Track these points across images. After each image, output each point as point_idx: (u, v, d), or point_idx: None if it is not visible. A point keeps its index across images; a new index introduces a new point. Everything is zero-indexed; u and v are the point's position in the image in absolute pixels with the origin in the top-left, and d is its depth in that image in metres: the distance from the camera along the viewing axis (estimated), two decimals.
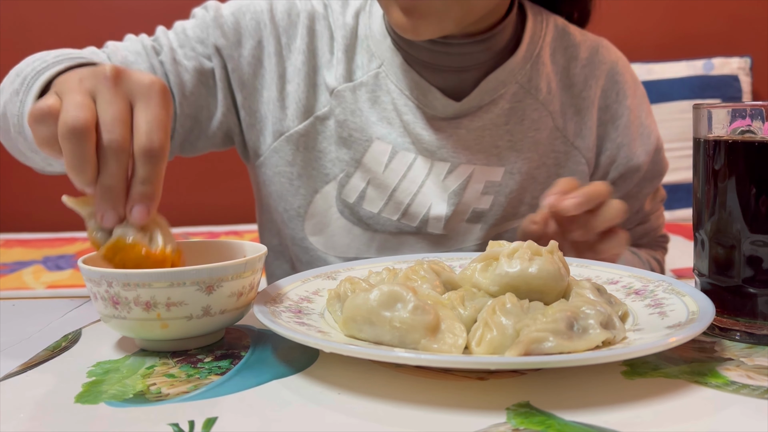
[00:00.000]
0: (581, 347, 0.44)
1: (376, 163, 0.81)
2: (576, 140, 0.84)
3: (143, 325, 0.49)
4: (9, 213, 2.57)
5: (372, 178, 0.81)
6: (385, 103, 0.81)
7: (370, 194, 0.82)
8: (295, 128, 0.82)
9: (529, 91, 0.82)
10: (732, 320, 0.52)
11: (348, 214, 0.83)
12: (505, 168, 0.82)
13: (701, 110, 0.54)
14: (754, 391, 0.42)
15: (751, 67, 2.20)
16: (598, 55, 0.85)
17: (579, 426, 0.38)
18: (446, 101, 0.79)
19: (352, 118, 0.81)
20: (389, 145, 0.81)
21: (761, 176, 0.50)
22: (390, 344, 0.47)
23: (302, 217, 0.84)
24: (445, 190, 0.81)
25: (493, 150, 0.81)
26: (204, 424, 0.39)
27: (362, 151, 0.81)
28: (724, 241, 0.52)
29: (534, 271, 0.50)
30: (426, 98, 0.80)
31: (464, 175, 0.81)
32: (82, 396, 0.44)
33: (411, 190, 0.81)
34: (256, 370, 0.47)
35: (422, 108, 0.80)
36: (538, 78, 0.82)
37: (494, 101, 0.81)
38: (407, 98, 0.80)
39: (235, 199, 2.45)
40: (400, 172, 0.81)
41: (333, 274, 0.62)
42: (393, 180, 0.81)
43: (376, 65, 0.81)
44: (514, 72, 0.81)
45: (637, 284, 0.57)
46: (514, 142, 0.82)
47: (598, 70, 0.84)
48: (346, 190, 0.82)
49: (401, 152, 0.81)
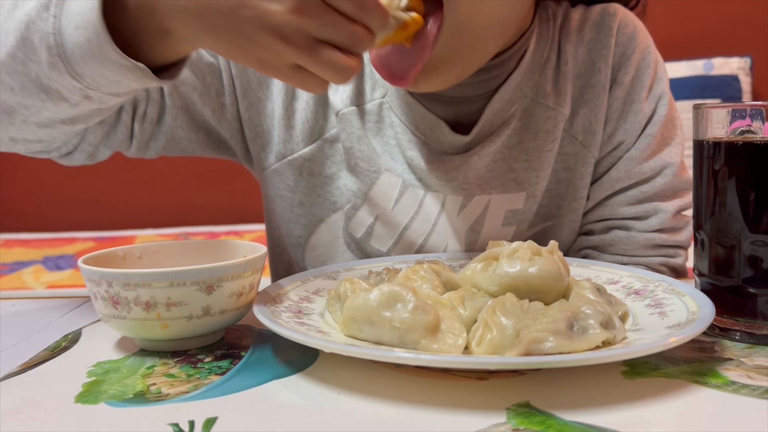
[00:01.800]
0: (581, 347, 0.44)
1: (384, 198, 0.74)
2: (585, 137, 0.75)
3: (143, 325, 0.49)
4: (9, 213, 2.57)
5: (380, 214, 0.74)
6: (387, 137, 0.74)
7: (378, 231, 0.75)
8: (300, 152, 0.75)
9: (537, 101, 0.73)
10: (732, 320, 0.52)
11: (355, 249, 0.76)
12: (526, 192, 0.74)
13: (701, 110, 0.54)
14: (754, 391, 0.42)
15: (751, 67, 2.20)
16: (603, 30, 0.74)
17: (579, 426, 0.38)
18: (454, 136, 0.72)
19: (358, 145, 0.74)
20: (399, 178, 0.73)
21: (761, 176, 0.50)
22: (390, 344, 0.47)
23: (302, 246, 0.78)
24: (462, 227, 0.74)
25: (509, 175, 0.73)
26: (204, 424, 0.39)
27: (370, 183, 0.74)
28: (725, 241, 0.52)
29: (534, 271, 0.50)
30: (433, 133, 0.72)
31: (480, 207, 0.73)
32: (82, 396, 0.44)
33: (424, 230, 0.74)
34: (256, 370, 0.47)
35: (428, 143, 0.73)
36: (545, 82, 0.74)
37: (505, 122, 0.73)
38: (412, 133, 0.73)
39: (235, 199, 2.46)
40: (411, 208, 0.73)
41: (333, 274, 0.62)
42: (403, 218, 0.74)
43: (380, 95, 0.74)
44: (521, 86, 0.72)
45: (637, 284, 0.57)
46: (531, 160, 0.73)
47: (605, 49, 0.74)
48: (353, 222, 0.75)
49: (411, 188, 0.73)
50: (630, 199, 0.76)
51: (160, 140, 0.75)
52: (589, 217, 0.78)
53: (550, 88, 0.74)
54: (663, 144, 0.75)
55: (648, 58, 0.75)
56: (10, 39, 0.55)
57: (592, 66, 0.74)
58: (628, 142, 0.75)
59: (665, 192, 0.76)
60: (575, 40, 0.74)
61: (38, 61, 0.54)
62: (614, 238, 0.76)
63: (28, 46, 0.54)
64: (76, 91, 0.55)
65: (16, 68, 0.55)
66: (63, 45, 0.52)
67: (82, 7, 0.51)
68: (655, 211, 0.76)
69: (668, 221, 0.76)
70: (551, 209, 0.76)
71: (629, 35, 0.74)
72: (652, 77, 0.75)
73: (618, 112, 0.75)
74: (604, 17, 0.75)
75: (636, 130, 0.75)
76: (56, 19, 0.52)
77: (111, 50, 0.51)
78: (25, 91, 0.56)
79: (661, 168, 0.75)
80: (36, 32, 0.53)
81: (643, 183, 0.75)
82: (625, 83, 0.74)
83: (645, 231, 0.76)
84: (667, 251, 0.77)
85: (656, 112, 0.75)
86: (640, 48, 0.75)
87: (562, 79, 0.74)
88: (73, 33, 0.51)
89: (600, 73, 0.74)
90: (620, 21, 0.75)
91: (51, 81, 0.54)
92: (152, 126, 0.73)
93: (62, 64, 0.53)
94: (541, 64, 0.74)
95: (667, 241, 0.76)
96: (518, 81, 0.72)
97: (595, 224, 0.78)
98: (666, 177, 0.75)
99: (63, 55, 0.52)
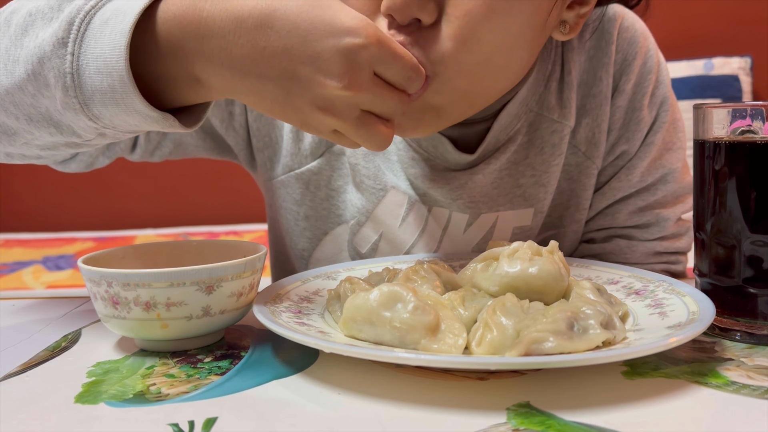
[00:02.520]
0: (581, 347, 0.44)
1: (391, 216, 0.72)
2: (588, 148, 0.73)
3: (143, 326, 0.49)
4: (9, 213, 2.57)
5: (385, 232, 0.73)
6: (389, 153, 0.72)
7: (383, 249, 0.74)
8: (308, 166, 0.73)
9: (542, 114, 0.72)
10: (732, 320, 0.52)
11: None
12: (534, 208, 0.72)
13: (702, 110, 0.54)
14: (754, 391, 0.42)
15: (751, 67, 2.20)
16: (603, 36, 0.73)
17: (579, 426, 0.38)
18: (459, 155, 0.69)
19: (364, 162, 0.72)
20: (405, 195, 0.72)
21: (762, 176, 0.50)
22: (390, 344, 0.46)
23: (306, 259, 0.77)
24: (467, 246, 0.72)
25: (516, 191, 0.72)
26: (204, 424, 0.39)
27: (375, 201, 0.72)
28: (725, 241, 0.52)
29: (534, 272, 0.50)
30: (436, 150, 0.70)
31: (488, 224, 0.72)
32: (82, 396, 0.44)
33: (429, 248, 0.73)
34: (256, 370, 0.47)
35: (432, 160, 0.70)
36: (549, 95, 0.72)
37: (511, 138, 0.71)
38: (414, 150, 0.71)
39: (235, 199, 2.46)
40: (417, 227, 0.72)
41: (333, 274, 0.62)
42: (410, 237, 0.73)
43: None
44: (526, 100, 0.70)
45: (638, 284, 0.57)
46: (538, 175, 0.72)
47: (606, 57, 0.72)
48: (357, 238, 0.74)
49: (417, 204, 0.72)
50: (631, 207, 0.75)
51: (167, 147, 0.74)
52: (590, 226, 0.77)
53: (554, 101, 0.72)
54: (665, 150, 0.74)
55: (650, 62, 0.74)
56: (19, 69, 0.50)
57: (594, 75, 0.73)
58: (630, 151, 0.74)
59: (667, 199, 0.75)
60: (576, 48, 0.73)
61: (51, 98, 0.50)
62: (615, 247, 0.76)
63: (40, 81, 0.49)
64: (91, 130, 0.51)
65: (23, 100, 0.51)
66: (81, 87, 0.48)
67: (105, 50, 0.47)
68: (656, 220, 0.75)
69: (669, 228, 0.75)
70: (554, 219, 0.76)
71: (629, 39, 0.73)
72: (654, 82, 0.74)
73: (620, 120, 0.73)
74: (604, 23, 0.73)
75: (638, 139, 0.74)
76: (74, 58, 0.48)
77: (137, 101, 0.47)
78: (32, 122, 0.53)
79: (662, 175, 0.74)
80: (51, 69, 0.48)
81: (645, 191, 0.75)
82: (627, 90, 0.73)
83: (646, 240, 0.75)
84: (668, 258, 0.77)
85: (658, 118, 0.74)
86: (641, 52, 0.73)
87: (567, 90, 0.72)
88: (94, 77, 0.47)
89: (602, 83, 0.72)
90: (620, 25, 0.73)
91: (63, 117, 0.51)
92: (159, 135, 0.73)
93: (79, 106, 0.49)
94: (546, 77, 0.72)
95: (669, 249, 0.76)
96: (524, 96, 0.70)
97: (596, 233, 0.77)
98: (667, 184, 0.75)
99: (80, 97, 0.48)
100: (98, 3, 0.49)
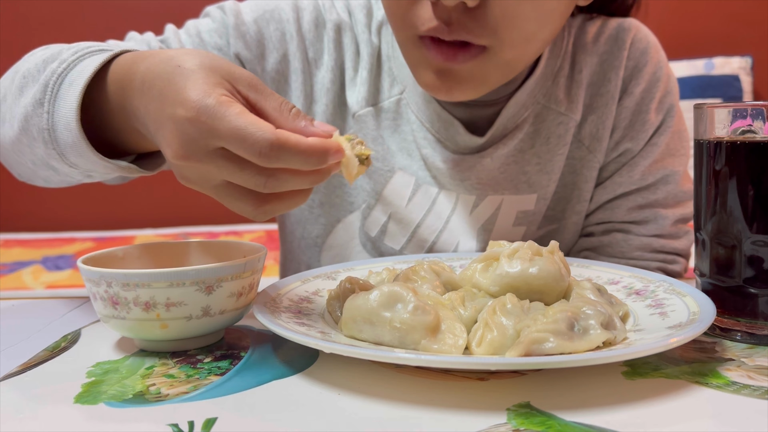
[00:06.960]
0: (582, 348, 0.44)
1: (398, 197, 0.76)
2: (592, 143, 0.77)
3: (143, 326, 0.49)
4: (9, 213, 2.57)
5: (393, 212, 0.76)
6: (405, 133, 0.76)
7: (392, 229, 0.77)
8: None
9: (549, 107, 0.75)
10: (733, 320, 0.52)
11: (370, 248, 0.78)
12: (537, 194, 0.76)
13: (702, 110, 0.54)
14: (755, 391, 0.42)
15: (751, 67, 2.20)
16: (617, 44, 0.77)
17: (579, 426, 0.38)
18: (469, 137, 0.74)
19: (373, 146, 0.75)
20: (412, 177, 0.76)
21: (762, 176, 0.50)
22: (390, 345, 0.46)
23: (319, 247, 0.80)
24: (474, 225, 0.76)
25: (521, 177, 0.76)
26: (204, 424, 0.39)
27: (383, 182, 0.76)
28: (725, 242, 0.52)
29: (534, 272, 0.50)
30: (447, 132, 0.74)
31: (493, 207, 0.76)
32: (81, 396, 0.44)
33: (436, 227, 0.76)
34: (256, 371, 0.47)
35: (443, 141, 0.74)
36: (557, 89, 0.76)
37: (518, 126, 0.75)
38: (427, 131, 0.74)
39: None
40: (424, 206, 0.76)
41: (333, 274, 0.62)
42: (416, 215, 0.76)
43: (398, 91, 0.75)
44: (534, 92, 0.74)
45: (638, 284, 0.57)
46: (543, 164, 0.76)
47: (617, 60, 0.76)
48: (368, 222, 0.77)
49: (424, 185, 0.76)
50: (631, 204, 0.77)
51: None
52: (590, 220, 0.80)
53: (562, 95, 0.76)
54: (668, 154, 0.77)
55: (659, 72, 0.77)
56: (15, 125, 0.59)
57: (603, 76, 0.76)
58: (634, 149, 0.76)
59: (667, 200, 0.77)
60: (590, 51, 0.77)
61: (39, 149, 0.58)
62: (612, 240, 0.78)
63: (29, 136, 0.58)
64: (76, 174, 0.60)
65: (24, 149, 0.60)
66: (56, 140, 0.56)
67: (67, 111, 0.55)
68: (654, 217, 0.77)
69: (667, 228, 0.77)
70: (556, 212, 0.78)
71: (642, 50, 0.77)
72: (663, 90, 0.77)
73: (626, 120, 0.76)
74: (619, 32, 0.77)
75: (643, 139, 0.76)
76: (49, 116, 0.56)
77: (92, 155, 0.55)
78: (37, 166, 0.62)
79: (663, 176, 0.76)
80: (33, 126, 0.57)
81: (645, 189, 0.77)
82: (636, 93, 0.76)
83: (643, 235, 0.77)
84: (665, 257, 0.78)
85: (664, 122, 0.77)
86: (652, 62, 0.77)
87: (575, 86, 0.76)
88: (64, 133, 0.55)
89: (610, 83, 0.76)
90: (634, 36, 0.77)
91: (54, 164, 0.59)
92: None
93: (58, 156, 0.57)
94: (554, 73, 0.76)
95: (665, 247, 0.77)
96: (532, 87, 0.74)
97: (595, 226, 0.80)
98: (668, 185, 0.77)
99: (58, 149, 0.56)
100: (70, 65, 0.56)
